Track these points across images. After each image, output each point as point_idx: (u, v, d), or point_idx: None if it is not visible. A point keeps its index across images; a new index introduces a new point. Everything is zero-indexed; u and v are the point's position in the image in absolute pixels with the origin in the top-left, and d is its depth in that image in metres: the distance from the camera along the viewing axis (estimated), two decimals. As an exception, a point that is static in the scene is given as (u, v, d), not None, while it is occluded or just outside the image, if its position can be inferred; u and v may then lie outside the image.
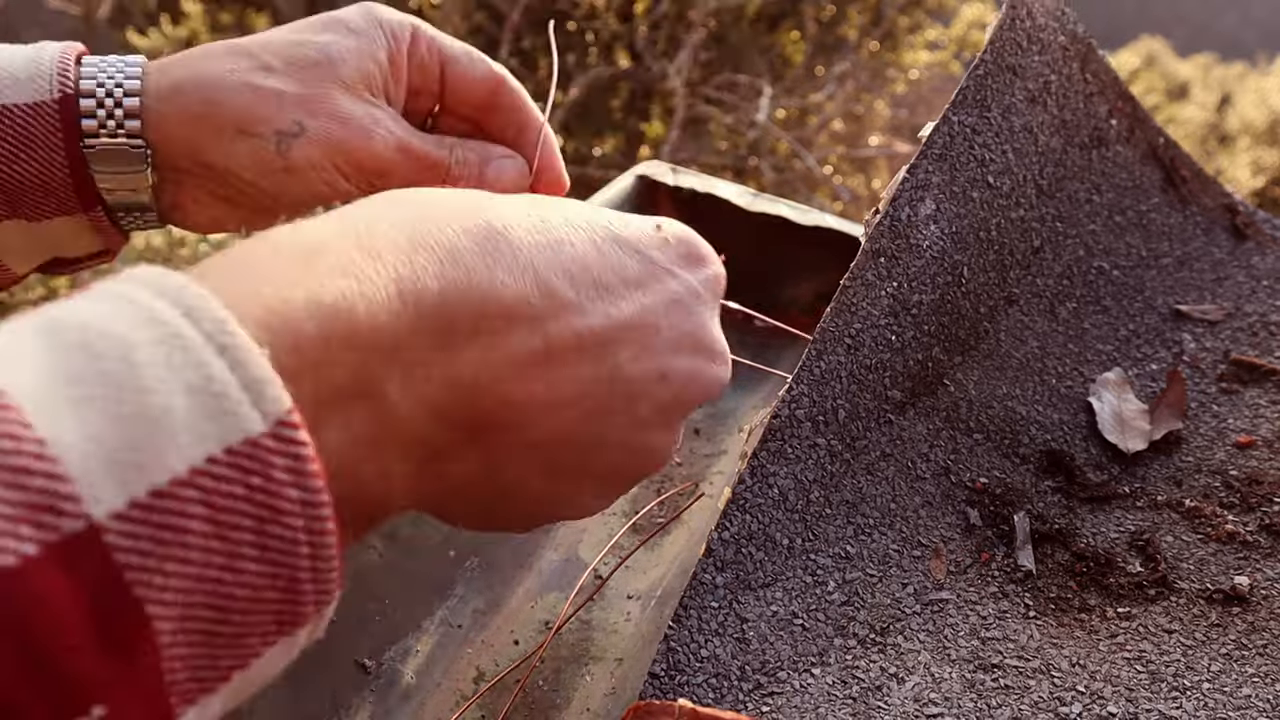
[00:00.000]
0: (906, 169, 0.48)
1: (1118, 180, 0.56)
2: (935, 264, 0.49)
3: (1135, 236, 0.56)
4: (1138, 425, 0.49)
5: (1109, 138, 0.56)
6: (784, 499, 0.43)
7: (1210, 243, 0.57)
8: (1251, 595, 0.42)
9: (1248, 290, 0.54)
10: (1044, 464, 0.49)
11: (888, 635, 0.42)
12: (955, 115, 0.49)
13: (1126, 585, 0.43)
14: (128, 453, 0.18)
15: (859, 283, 0.46)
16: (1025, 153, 0.52)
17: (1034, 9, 0.53)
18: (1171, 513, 0.46)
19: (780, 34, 5.39)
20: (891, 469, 0.48)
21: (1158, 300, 0.55)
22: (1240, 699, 0.38)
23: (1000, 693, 0.39)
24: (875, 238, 0.46)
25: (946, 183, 0.49)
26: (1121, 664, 0.40)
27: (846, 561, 0.44)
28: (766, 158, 4.92)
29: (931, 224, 0.48)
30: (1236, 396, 0.50)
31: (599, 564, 0.51)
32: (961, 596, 0.43)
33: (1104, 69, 0.56)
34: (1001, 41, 0.51)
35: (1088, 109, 0.55)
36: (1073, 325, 0.54)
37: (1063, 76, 0.54)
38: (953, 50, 5.71)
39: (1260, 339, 0.52)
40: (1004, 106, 0.51)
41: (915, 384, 0.49)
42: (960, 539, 0.46)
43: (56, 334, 0.19)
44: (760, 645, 0.41)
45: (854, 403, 0.46)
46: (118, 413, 0.19)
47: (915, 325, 0.48)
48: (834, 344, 0.45)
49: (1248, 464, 0.47)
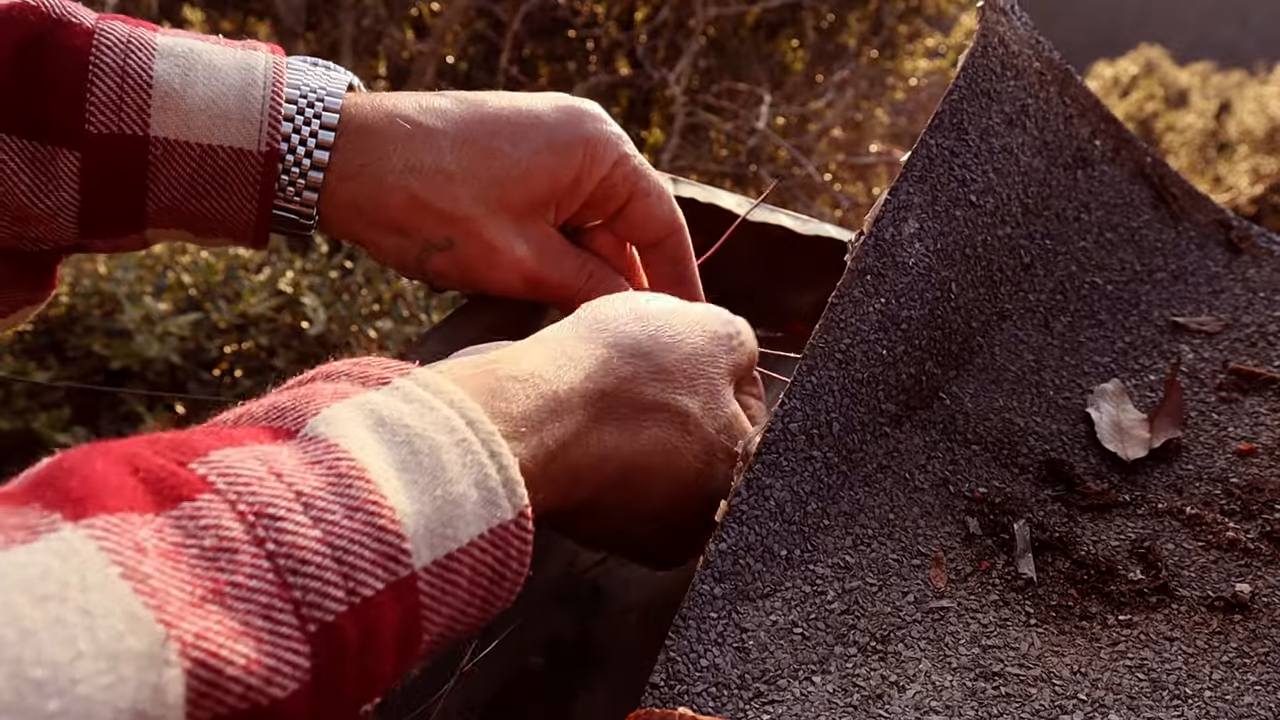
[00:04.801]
0: (888, 191, 0.49)
1: (1106, 199, 0.57)
2: (922, 280, 0.49)
3: (1128, 252, 0.57)
4: (1137, 434, 0.50)
5: (1094, 158, 0.57)
6: (781, 511, 0.44)
7: (1205, 257, 0.57)
8: (1253, 602, 0.42)
9: (1244, 302, 0.55)
10: (1043, 473, 0.49)
11: (888, 643, 0.42)
12: (932, 138, 0.50)
13: (1127, 593, 0.43)
14: (439, 525, 0.25)
15: (846, 300, 0.47)
16: (1007, 173, 0.53)
17: (1006, 37, 0.53)
18: (1172, 520, 0.46)
19: (780, 42, 5.40)
20: (889, 480, 0.48)
21: (1154, 313, 0.55)
22: (1242, 707, 0.38)
23: (1001, 700, 0.39)
24: (860, 257, 0.47)
25: (929, 203, 0.50)
26: (1123, 672, 0.40)
27: (846, 571, 0.44)
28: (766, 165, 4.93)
29: (916, 242, 0.49)
30: (1236, 405, 0.50)
31: (596, 574, 0.52)
32: (962, 605, 0.43)
33: (1083, 93, 0.57)
34: (974, 68, 0.52)
35: (1069, 130, 0.56)
36: (1068, 338, 0.54)
37: (1040, 100, 0.54)
38: (952, 58, 5.73)
39: (1259, 349, 0.52)
40: (981, 129, 0.52)
41: (910, 397, 0.50)
42: (960, 548, 0.46)
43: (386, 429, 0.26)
44: (760, 654, 0.41)
45: (848, 416, 0.47)
46: (433, 495, 0.26)
47: (906, 340, 0.49)
48: (824, 359, 0.46)
49: (1248, 471, 0.47)
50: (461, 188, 0.44)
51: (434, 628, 0.26)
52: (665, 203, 0.49)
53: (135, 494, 0.21)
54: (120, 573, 0.19)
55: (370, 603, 0.23)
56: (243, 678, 0.20)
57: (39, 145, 0.40)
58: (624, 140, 0.48)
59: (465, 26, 5.21)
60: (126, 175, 0.41)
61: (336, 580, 0.23)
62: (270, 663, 0.21)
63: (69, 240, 0.43)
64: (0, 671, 0.16)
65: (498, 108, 0.45)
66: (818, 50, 5.36)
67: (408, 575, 0.24)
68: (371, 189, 0.44)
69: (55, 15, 0.39)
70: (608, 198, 0.48)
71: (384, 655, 0.24)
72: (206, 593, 0.20)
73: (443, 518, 0.25)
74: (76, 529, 0.19)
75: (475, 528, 0.26)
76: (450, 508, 0.26)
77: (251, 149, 0.41)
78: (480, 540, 0.26)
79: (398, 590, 0.24)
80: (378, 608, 0.23)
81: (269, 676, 0.21)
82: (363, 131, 0.43)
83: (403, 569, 0.24)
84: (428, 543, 0.25)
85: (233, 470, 0.23)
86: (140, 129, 0.40)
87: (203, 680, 0.19)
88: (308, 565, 0.22)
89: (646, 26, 4.90)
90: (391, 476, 0.25)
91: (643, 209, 0.49)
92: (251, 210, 0.43)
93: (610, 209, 0.49)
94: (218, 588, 0.21)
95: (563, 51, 5.17)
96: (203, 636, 0.20)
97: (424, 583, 0.25)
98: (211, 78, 0.41)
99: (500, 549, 0.27)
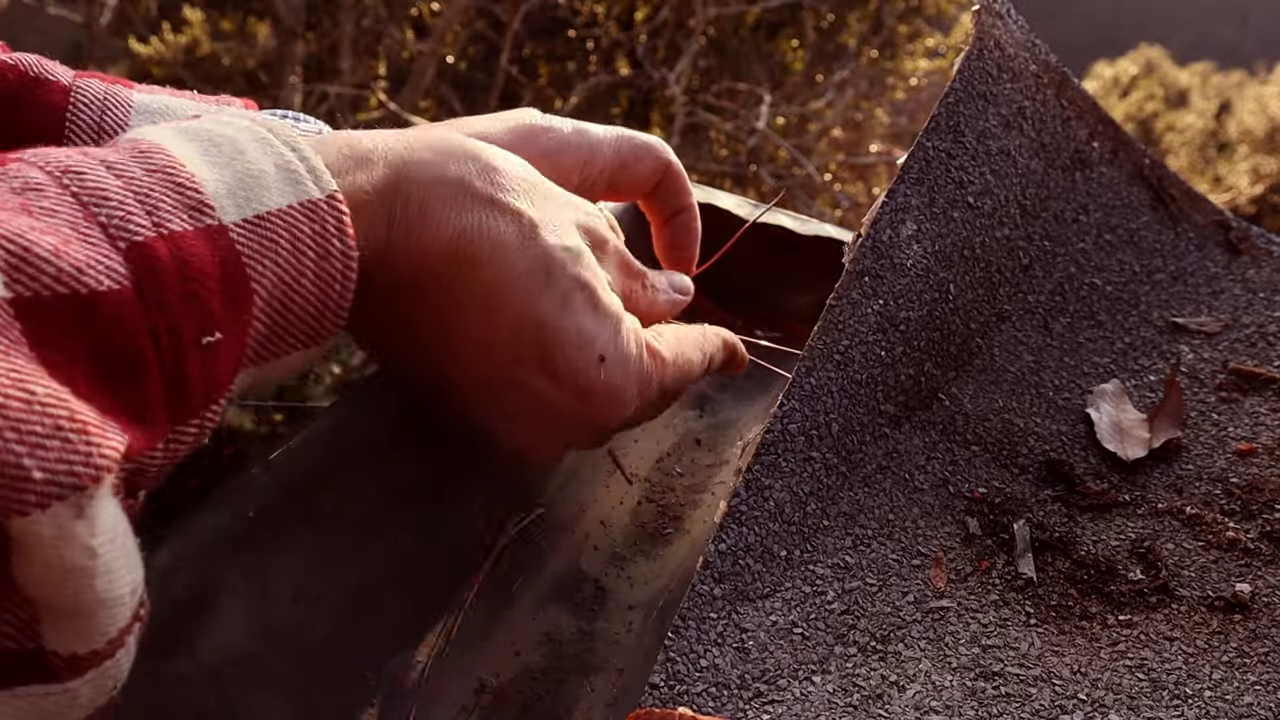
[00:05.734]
0: (885, 193, 0.49)
1: (1105, 200, 0.57)
2: (920, 281, 0.49)
3: (1127, 253, 0.57)
4: (1137, 434, 0.50)
5: (1092, 160, 0.57)
6: (780, 511, 0.44)
7: (1204, 258, 0.57)
8: (1253, 602, 0.42)
9: (1244, 302, 0.55)
10: (1043, 473, 0.49)
11: (888, 643, 0.42)
12: (929, 141, 0.50)
13: (1127, 593, 0.43)
14: (241, 190, 0.28)
15: (845, 301, 0.47)
16: (1004, 174, 0.53)
17: (1002, 40, 0.53)
18: (1172, 520, 0.46)
19: (780, 42, 5.41)
20: (889, 481, 0.48)
21: (1153, 314, 0.55)
22: (1242, 707, 0.38)
23: (1001, 700, 0.39)
24: (858, 259, 0.48)
25: (926, 204, 0.50)
26: (1123, 672, 0.40)
27: (845, 571, 0.44)
28: (766, 165, 4.93)
29: (914, 244, 0.49)
30: (1236, 405, 0.50)
31: (601, 575, 0.52)
32: (962, 605, 0.43)
33: (1081, 96, 0.57)
34: (970, 71, 0.52)
35: (1066, 132, 0.56)
36: (1067, 339, 0.54)
37: (1037, 102, 0.55)
38: (952, 58, 5.72)
39: (1259, 349, 0.52)
40: (978, 131, 0.52)
41: (909, 398, 0.50)
42: (960, 548, 0.46)
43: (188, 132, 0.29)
44: (760, 654, 0.41)
45: (847, 417, 0.47)
46: (233, 168, 0.29)
47: (904, 341, 0.49)
48: (823, 360, 0.46)
49: (1248, 471, 0.47)
50: None
51: (264, 280, 0.29)
52: (650, 156, 0.50)
53: None
54: None
55: (178, 235, 0.26)
56: (52, 259, 0.23)
57: None
58: (582, 132, 0.48)
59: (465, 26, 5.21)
60: None
61: (139, 213, 0.26)
62: (80, 256, 0.24)
63: None
64: None
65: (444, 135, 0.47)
66: (818, 50, 5.36)
67: (215, 224, 0.27)
68: None
69: (33, 74, 0.42)
70: (592, 191, 0.49)
71: (209, 288, 0.26)
72: (14, 210, 0.24)
73: (244, 185, 0.28)
74: None
75: (282, 198, 0.29)
76: (250, 180, 0.29)
77: None
78: (291, 209, 0.29)
79: (207, 235, 0.27)
80: (188, 241, 0.26)
81: (81, 266, 0.24)
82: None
83: (207, 218, 0.27)
84: (233, 202, 0.28)
85: (45, 151, 0.26)
86: None
87: (12, 254, 0.23)
88: (109, 200, 0.25)
89: (646, 26, 4.91)
90: (192, 154, 0.28)
91: (631, 176, 0.50)
92: None
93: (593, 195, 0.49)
94: (25, 205, 0.24)
95: (563, 51, 5.17)
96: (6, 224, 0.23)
97: (236, 234, 0.28)
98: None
99: (316, 221, 0.30)
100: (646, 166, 0.50)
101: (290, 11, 4.82)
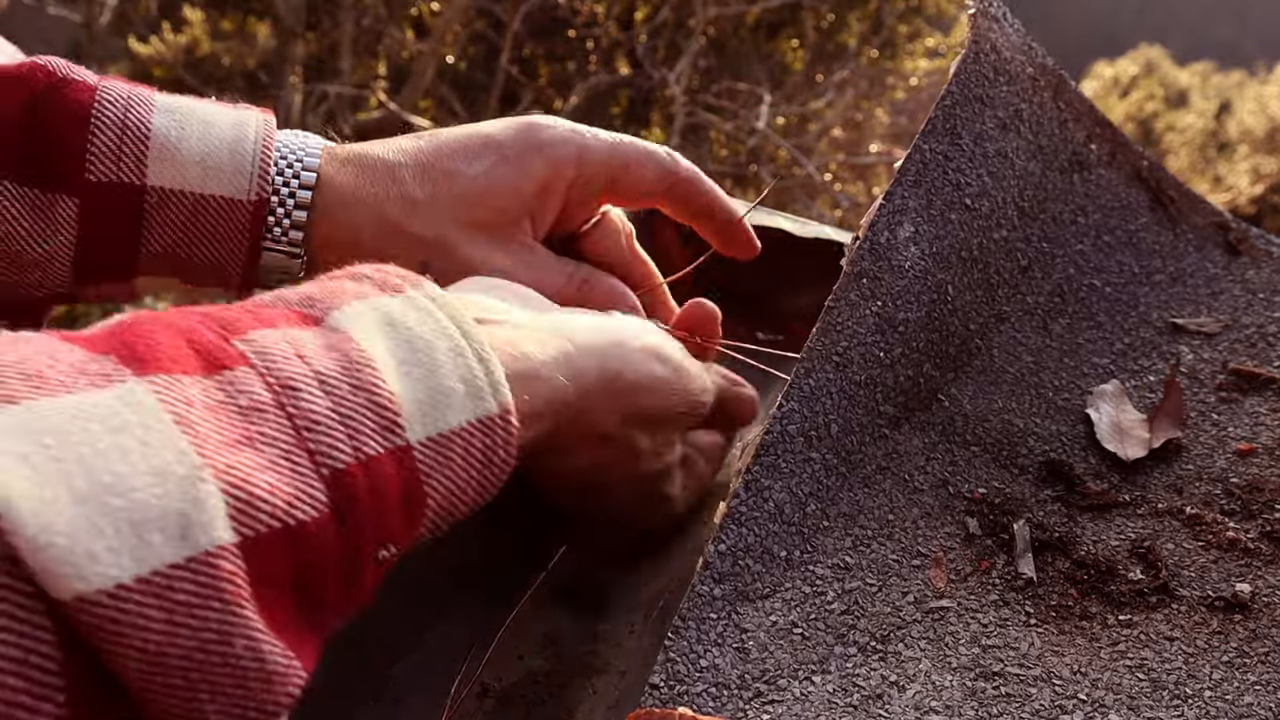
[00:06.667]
0: (883, 195, 0.49)
1: (1103, 202, 0.57)
2: (919, 283, 0.50)
3: (1126, 255, 0.57)
4: (1137, 434, 0.50)
5: (1090, 162, 0.57)
6: (780, 512, 0.44)
7: (1204, 259, 0.57)
8: (1253, 602, 0.42)
9: (1244, 303, 0.55)
10: (1043, 474, 0.49)
11: (888, 643, 0.42)
12: (926, 143, 0.51)
13: (1127, 593, 0.43)
14: (432, 410, 0.30)
15: (843, 303, 0.47)
16: (1002, 176, 0.53)
17: (998, 44, 0.54)
18: (1172, 520, 0.46)
19: (780, 42, 5.41)
20: (888, 482, 0.48)
21: (1153, 315, 0.55)
22: (1242, 707, 0.38)
23: (1001, 700, 0.39)
24: (856, 260, 0.48)
25: (923, 206, 0.50)
26: (1123, 672, 0.40)
27: (845, 572, 0.44)
28: (766, 165, 4.93)
29: (912, 245, 0.49)
30: (1236, 405, 0.50)
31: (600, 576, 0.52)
32: (962, 605, 0.44)
33: (1078, 98, 0.57)
34: (967, 74, 0.52)
35: (1064, 135, 0.56)
36: (1067, 340, 0.54)
37: (1034, 105, 0.55)
38: (952, 58, 5.72)
39: (1259, 349, 0.52)
40: (975, 134, 0.52)
41: (908, 399, 0.50)
42: (960, 548, 0.46)
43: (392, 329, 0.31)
44: (760, 654, 0.41)
45: (846, 418, 0.47)
46: (426, 384, 0.31)
47: (903, 342, 0.49)
48: (822, 362, 0.46)
49: (1248, 471, 0.47)
50: (428, 211, 0.47)
51: (436, 495, 0.31)
52: (652, 163, 0.51)
53: (189, 360, 0.27)
54: (172, 419, 0.25)
55: (373, 460, 0.28)
56: (269, 499, 0.25)
57: (40, 192, 0.43)
58: (580, 132, 0.50)
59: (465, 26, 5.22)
60: (122, 221, 0.44)
61: (344, 439, 0.28)
62: (291, 490, 0.26)
63: (63, 287, 0.46)
64: (80, 472, 0.22)
65: (451, 135, 0.49)
66: (818, 50, 5.36)
67: (404, 445, 0.29)
68: (349, 223, 0.47)
69: (61, 75, 0.44)
70: (584, 191, 0.49)
71: (392, 508, 0.29)
72: (240, 438, 0.26)
73: (433, 402, 0.31)
74: (140, 383, 0.25)
75: (463, 415, 0.31)
76: (440, 396, 0.31)
77: (241, 198, 0.45)
78: (469, 426, 0.31)
79: (396, 455, 0.29)
80: (380, 464, 0.28)
81: (292, 501, 0.26)
82: (339, 174, 0.47)
83: (398, 439, 0.29)
84: (420, 421, 0.30)
85: (266, 350, 0.28)
86: (137, 178, 0.44)
87: (237, 499, 0.24)
88: (319, 425, 0.27)
89: (646, 26, 4.91)
90: (392, 366, 0.30)
91: (633, 180, 0.50)
92: (240, 257, 0.46)
93: (592, 200, 0.50)
94: (248, 435, 0.26)
95: (563, 51, 5.17)
96: (233, 466, 0.25)
97: (419, 453, 0.30)
98: (206, 132, 0.45)
99: (488, 436, 0.32)
100: (650, 172, 0.51)
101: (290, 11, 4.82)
